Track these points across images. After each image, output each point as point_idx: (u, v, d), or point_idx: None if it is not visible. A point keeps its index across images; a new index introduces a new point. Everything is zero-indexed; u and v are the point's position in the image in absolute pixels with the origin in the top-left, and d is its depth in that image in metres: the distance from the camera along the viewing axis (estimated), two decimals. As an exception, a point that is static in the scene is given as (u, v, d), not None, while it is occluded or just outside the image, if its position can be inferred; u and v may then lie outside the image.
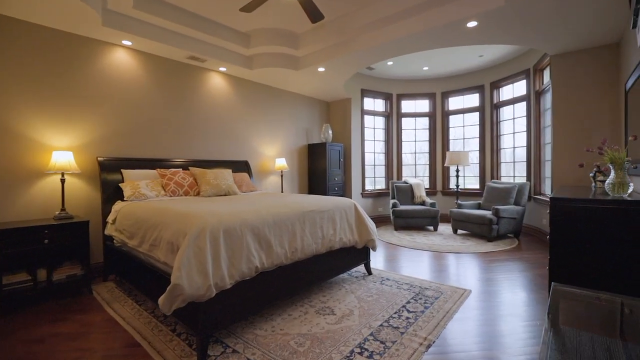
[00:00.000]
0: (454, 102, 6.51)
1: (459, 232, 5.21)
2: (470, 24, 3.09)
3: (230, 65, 4.29)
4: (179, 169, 3.76)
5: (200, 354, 1.79)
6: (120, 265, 2.89)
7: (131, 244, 2.50)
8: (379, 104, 6.67)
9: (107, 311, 2.50)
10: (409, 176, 6.83)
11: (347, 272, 3.26)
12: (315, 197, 3.18)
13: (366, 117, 6.47)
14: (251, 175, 4.76)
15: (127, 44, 3.53)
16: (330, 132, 5.85)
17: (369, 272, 3.29)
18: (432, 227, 5.53)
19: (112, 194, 3.24)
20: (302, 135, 5.96)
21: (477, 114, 6.17)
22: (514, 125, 5.56)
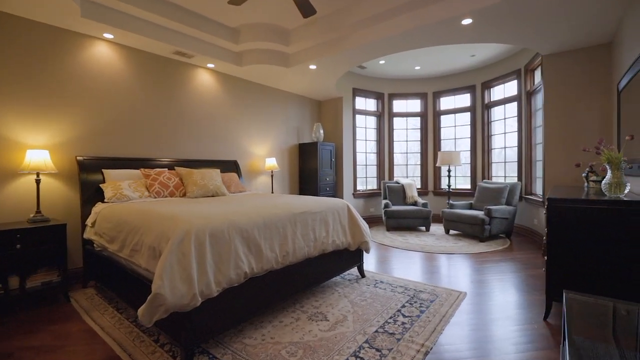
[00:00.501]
0: (446, 102, 6.50)
1: (451, 232, 5.19)
2: (465, 22, 3.04)
3: (218, 61, 4.14)
4: (165, 168, 3.60)
5: (184, 367, 1.67)
6: (100, 270, 2.72)
7: (111, 248, 2.35)
8: (370, 104, 6.61)
9: (85, 321, 2.34)
10: (400, 176, 6.80)
11: (340, 275, 3.16)
12: (307, 198, 3.08)
13: (358, 117, 6.40)
14: (240, 175, 4.62)
15: (108, 37, 3.35)
16: (321, 131, 5.75)
17: (362, 275, 3.20)
18: (424, 228, 5.50)
19: (92, 196, 3.07)
20: (293, 134, 5.85)
21: (468, 114, 6.17)
22: (504, 125, 5.57)
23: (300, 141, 5.98)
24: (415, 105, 6.69)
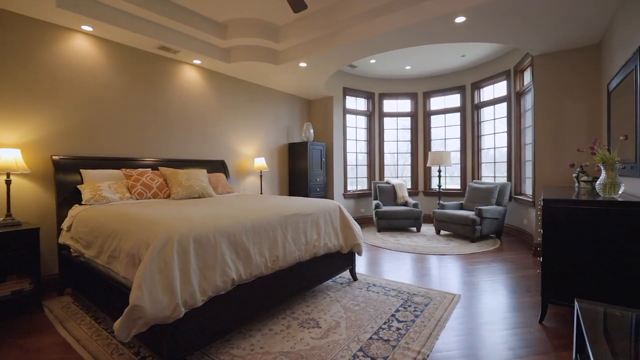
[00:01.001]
0: (436, 102, 6.49)
1: (442, 232, 5.17)
2: (458, 19, 2.99)
3: (205, 57, 3.99)
4: (148, 169, 3.43)
5: (166, 383, 1.54)
6: (77, 277, 2.56)
7: (88, 254, 2.19)
8: (361, 103, 6.55)
9: (59, 332, 2.18)
10: (391, 176, 6.76)
11: (332, 278, 3.07)
12: (297, 199, 2.97)
13: (348, 116, 6.33)
14: (228, 175, 4.48)
15: (87, 29, 3.17)
16: (311, 131, 5.65)
17: (355, 278, 3.12)
18: (415, 228, 5.46)
19: (69, 197, 2.89)
20: (283, 134, 5.73)
21: (458, 115, 6.18)
22: (494, 125, 5.59)
23: (290, 141, 5.86)
24: (405, 105, 6.67)
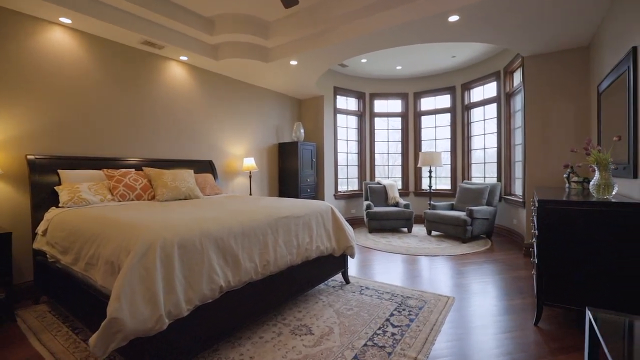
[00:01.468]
0: (426, 103, 6.50)
1: (433, 233, 5.16)
2: (452, 18, 2.96)
3: (192, 54, 3.86)
4: (131, 169, 3.28)
5: (148, 401, 1.43)
6: (54, 285, 2.40)
7: (64, 260, 2.05)
8: (351, 103, 6.50)
9: (33, 344, 2.03)
10: (381, 177, 6.73)
11: (324, 282, 2.99)
12: (288, 201, 2.88)
13: (339, 116, 6.26)
14: (216, 176, 4.35)
15: (65, 22, 3.00)
16: (302, 130, 5.56)
17: (347, 281, 3.05)
18: (406, 229, 5.44)
19: (45, 200, 2.72)
20: (272, 133, 5.62)
21: (448, 115, 6.19)
22: (484, 126, 5.62)
23: (280, 140, 5.76)
24: (396, 105, 6.65)
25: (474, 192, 4.95)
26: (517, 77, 4.63)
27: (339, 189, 6.28)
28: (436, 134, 6.41)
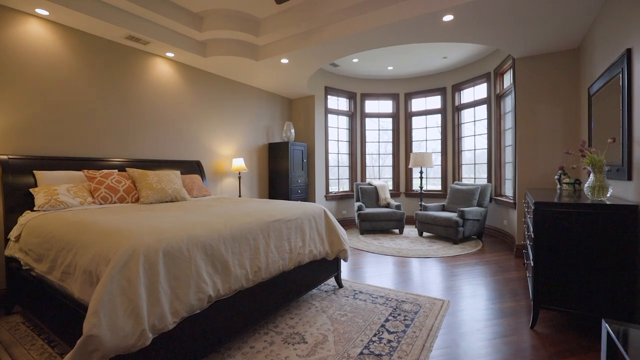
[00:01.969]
0: (417, 104, 6.49)
1: (425, 234, 5.14)
2: (446, 18, 2.92)
3: (179, 50, 3.71)
4: (114, 170, 3.13)
5: (130, 422, 1.32)
6: (28, 294, 2.24)
7: (39, 269, 1.90)
8: (342, 103, 6.44)
9: (3, 360, 1.88)
10: (372, 178, 6.69)
11: (316, 287, 2.91)
12: (280, 203, 2.79)
13: (330, 116, 6.19)
14: (204, 177, 4.21)
15: (42, 13, 2.83)
16: (292, 130, 5.46)
17: (340, 285, 2.98)
18: (397, 230, 5.41)
19: (20, 203, 2.55)
20: (262, 133, 5.50)
21: (439, 116, 6.20)
22: (474, 127, 5.64)
23: (270, 141, 5.65)
24: (387, 106, 6.63)
25: (465, 193, 4.96)
26: (507, 79, 4.66)
27: (330, 190, 6.21)
28: (427, 135, 6.41)
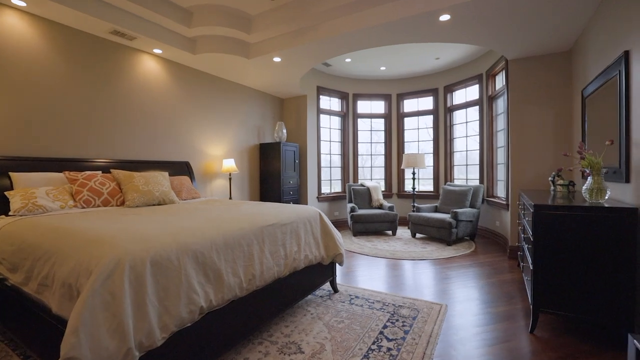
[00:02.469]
0: (409, 105, 6.48)
1: (418, 235, 5.11)
2: (443, 17, 2.88)
3: (167, 46, 3.57)
4: (98, 171, 2.97)
5: None
6: (2, 307, 2.08)
7: (13, 280, 1.76)
8: (335, 103, 6.37)
9: (-26, 379, 1.73)
10: (365, 179, 6.65)
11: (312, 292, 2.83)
12: (273, 206, 2.69)
13: (322, 117, 6.11)
14: (193, 178, 4.07)
15: (18, 4, 2.65)
16: (284, 131, 5.36)
17: (335, 290, 2.90)
18: (390, 232, 5.37)
19: (-7, 206, 2.38)
20: (254, 133, 5.38)
21: (431, 117, 6.20)
22: (466, 128, 5.66)
23: (261, 141, 5.53)
24: (379, 106, 6.59)
25: (458, 194, 4.95)
26: (500, 81, 4.68)
27: (322, 191, 6.13)
28: (419, 135, 6.40)
